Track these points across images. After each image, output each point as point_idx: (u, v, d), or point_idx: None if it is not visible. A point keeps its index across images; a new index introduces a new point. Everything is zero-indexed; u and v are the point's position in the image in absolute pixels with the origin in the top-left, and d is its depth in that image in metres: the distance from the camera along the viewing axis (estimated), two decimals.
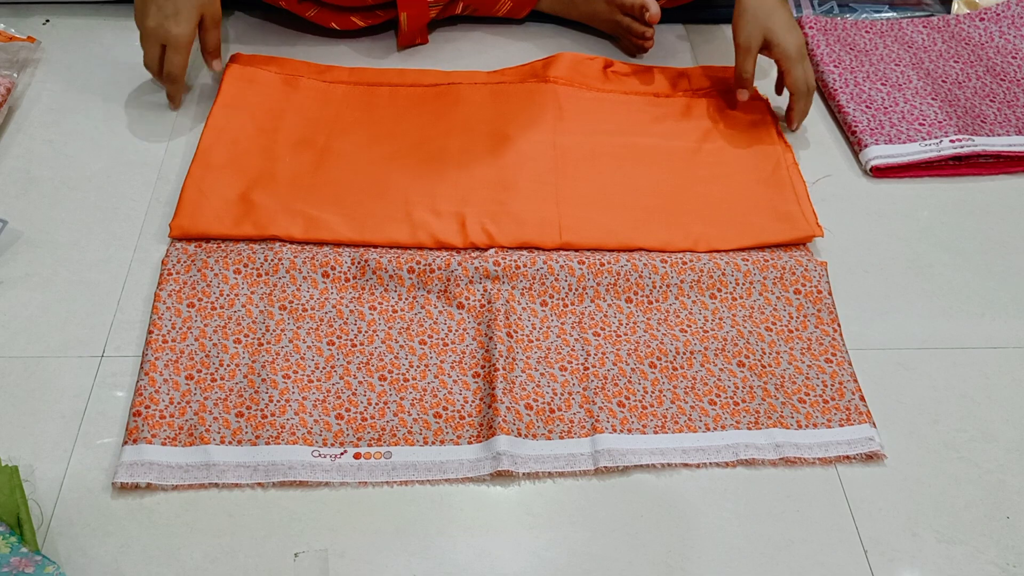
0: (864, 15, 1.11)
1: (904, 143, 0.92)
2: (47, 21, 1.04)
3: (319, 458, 0.65)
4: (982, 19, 1.08)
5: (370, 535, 0.62)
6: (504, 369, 0.70)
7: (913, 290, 0.81)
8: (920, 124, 0.94)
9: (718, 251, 0.81)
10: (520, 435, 0.66)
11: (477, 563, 0.61)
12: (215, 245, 0.78)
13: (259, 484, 0.64)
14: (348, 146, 0.88)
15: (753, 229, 0.83)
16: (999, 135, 0.93)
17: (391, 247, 0.79)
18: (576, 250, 0.80)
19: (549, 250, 0.80)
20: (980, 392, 0.73)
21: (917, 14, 1.12)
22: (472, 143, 0.89)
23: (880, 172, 0.91)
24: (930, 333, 0.77)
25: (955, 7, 1.12)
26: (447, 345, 0.73)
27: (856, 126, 0.94)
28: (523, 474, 0.65)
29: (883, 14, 1.12)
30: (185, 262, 0.76)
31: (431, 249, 0.79)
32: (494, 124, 0.92)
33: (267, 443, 0.65)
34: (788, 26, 0.90)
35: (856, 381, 0.73)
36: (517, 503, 0.64)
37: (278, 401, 0.68)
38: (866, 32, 1.07)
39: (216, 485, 0.64)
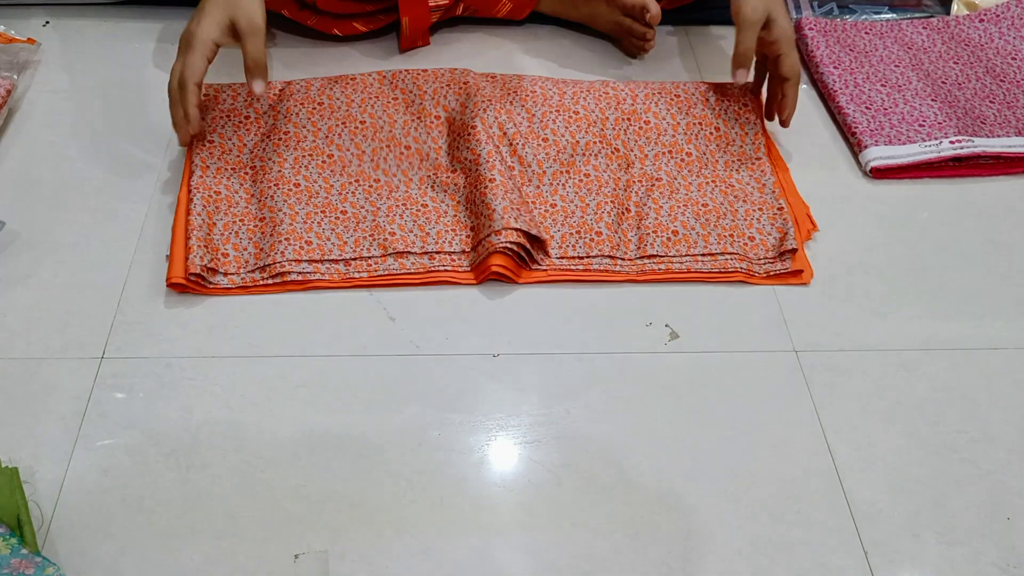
0: (864, 16, 1.11)
1: (904, 144, 0.92)
2: (47, 23, 1.05)
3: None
4: (982, 20, 1.08)
5: (370, 536, 0.62)
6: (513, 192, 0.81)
7: (913, 290, 0.81)
8: (920, 125, 0.94)
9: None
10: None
11: (478, 564, 0.61)
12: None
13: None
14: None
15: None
16: (999, 136, 0.93)
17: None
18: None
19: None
20: (980, 392, 0.73)
21: (917, 15, 1.12)
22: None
23: (880, 173, 0.91)
24: (930, 333, 0.77)
25: (955, 8, 1.12)
26: (428, 158, 0.87)
27: (856, 127, 0.94)
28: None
29: (883, 15, 1.12)
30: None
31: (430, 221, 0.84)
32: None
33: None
34: (785, 10, 0.88)
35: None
36: (517, 504, 0.64)
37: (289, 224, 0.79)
38: (866, 33, 1.07)
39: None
